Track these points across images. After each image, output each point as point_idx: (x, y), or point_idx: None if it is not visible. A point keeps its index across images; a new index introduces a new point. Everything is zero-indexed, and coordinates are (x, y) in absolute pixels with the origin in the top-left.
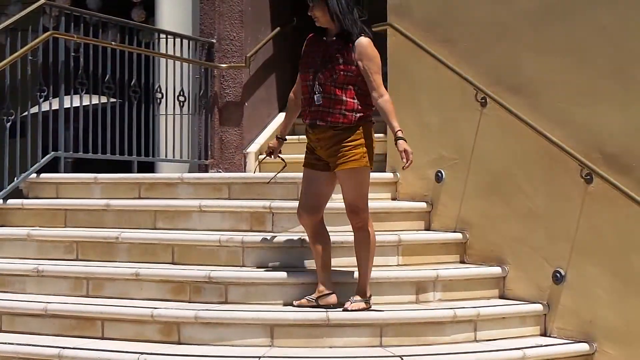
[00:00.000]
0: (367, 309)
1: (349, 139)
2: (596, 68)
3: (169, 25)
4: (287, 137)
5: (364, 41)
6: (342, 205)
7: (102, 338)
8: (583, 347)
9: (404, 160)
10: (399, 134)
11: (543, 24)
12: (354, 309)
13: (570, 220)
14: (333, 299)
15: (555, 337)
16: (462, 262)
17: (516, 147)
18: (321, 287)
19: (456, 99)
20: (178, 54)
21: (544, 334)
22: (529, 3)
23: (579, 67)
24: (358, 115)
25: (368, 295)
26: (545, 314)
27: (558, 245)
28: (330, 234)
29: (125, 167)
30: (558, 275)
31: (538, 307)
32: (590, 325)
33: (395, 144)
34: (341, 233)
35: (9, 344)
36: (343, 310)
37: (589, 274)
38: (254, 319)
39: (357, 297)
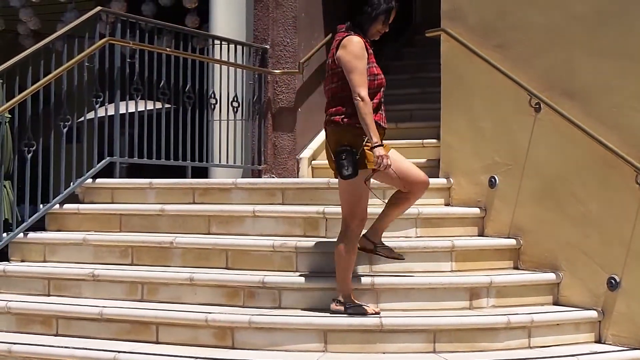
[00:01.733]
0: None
1: None
2: None
3: (222, 31)
4: None
5: None
6: None
7: (157, 342)
8: (638, 354)
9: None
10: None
11: (598, 28)
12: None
13: (625, 226)
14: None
15: (610, 344)
16: (515, 268)
17: (570, 152)
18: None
19: (510, 104)
20: (232, 60)
21: (598, 340)
22: (583, 7)
23: (634, 71)
24: None
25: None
26: (599, 321)
27: (613, 251)
28: (383, 239)
29: (179, 173)
30: (613, 281)
31: (592, 313)
32: None
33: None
34: (395, 239)
35: (65, 347)
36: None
37: None
38: (307, 324)
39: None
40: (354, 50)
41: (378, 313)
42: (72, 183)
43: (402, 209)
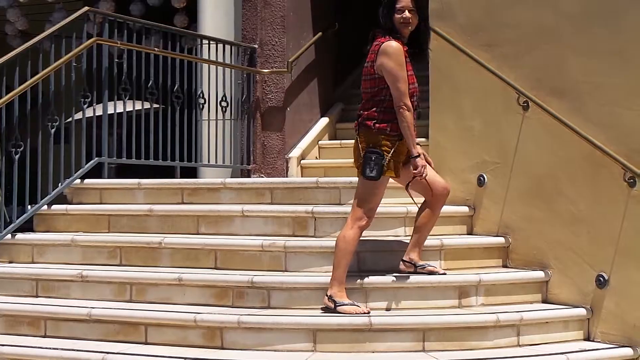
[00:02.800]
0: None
1: None
2: None
3: (211, 31)
4: (329, 141)
5: None
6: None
7: (146, 343)
8: (627, 351)
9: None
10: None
11: (587, 26)
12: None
13: (613, 223)
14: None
15: (598, 342)
16: (504, 266)
17: (559, 150)
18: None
19: (498, 102)
20: (220, 60)
21: (587, 338)
22: (573, 5)
23: (623, 70)
24: None
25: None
26: (588, 319)
27: (601, 249)
28: (372, 238)
29: (168, 173)
30: (601, 279)
31: (581, 311)
32: (634, 329)
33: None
34: (383, 237)
35: (54, 348)
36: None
37: (633, 278)
38: (296, 323)
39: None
40: (396, 58)
41: (367, 313)
42: (60, 184)
43: (432, 224)
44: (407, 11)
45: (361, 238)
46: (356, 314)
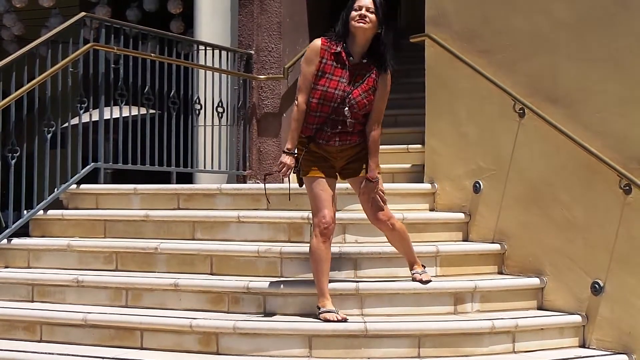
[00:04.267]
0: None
1: (363, 152)
2: (636, 77)
3: (207, 36)
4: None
5: (389, 75)
6: None
7: (141, 348)
8: (622, 358)
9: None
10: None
11: (581, 33)
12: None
13: (609, 230)
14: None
15: (594, 349)
16: (500, 273)
17: (554, 157)
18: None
19: (494, 109)
20: (217, 66)
21: (582, 345)
22: (567, 13)
23: (618, 77)
24: None
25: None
26: (584, 325)
27: (597, 255)
28: (368, 244)
29: (164, 178)
30: (597, 286)
31: (577, 318)
32: (630, 336)
33: (371, 181)
34: (380, 244)
35: (49, 353)
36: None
37: (628, 285)
38: (292, 329)
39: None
40: (307, 54)
41: (343, 320)
42: (56, 189)
43: (394, 240)
44: (364, 9)
45: (358, 244)
46: (327, 321)
